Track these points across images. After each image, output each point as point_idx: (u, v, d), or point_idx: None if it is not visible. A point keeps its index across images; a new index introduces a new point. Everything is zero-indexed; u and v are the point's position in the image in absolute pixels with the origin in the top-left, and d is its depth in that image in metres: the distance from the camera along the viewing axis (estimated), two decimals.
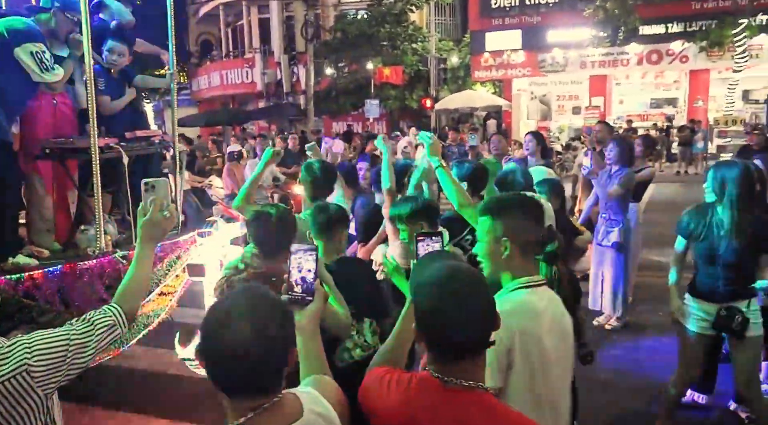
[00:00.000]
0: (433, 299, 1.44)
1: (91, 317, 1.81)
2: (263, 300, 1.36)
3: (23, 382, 1.63)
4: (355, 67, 23.00)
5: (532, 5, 20.81)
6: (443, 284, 1.44)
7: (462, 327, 1.41)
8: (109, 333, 1.82)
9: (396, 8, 22.28)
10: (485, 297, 1.47)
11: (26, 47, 3.43)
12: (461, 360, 1.44)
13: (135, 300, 1.96)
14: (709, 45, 18.00)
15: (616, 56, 19.91)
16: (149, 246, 2.00)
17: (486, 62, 21.64)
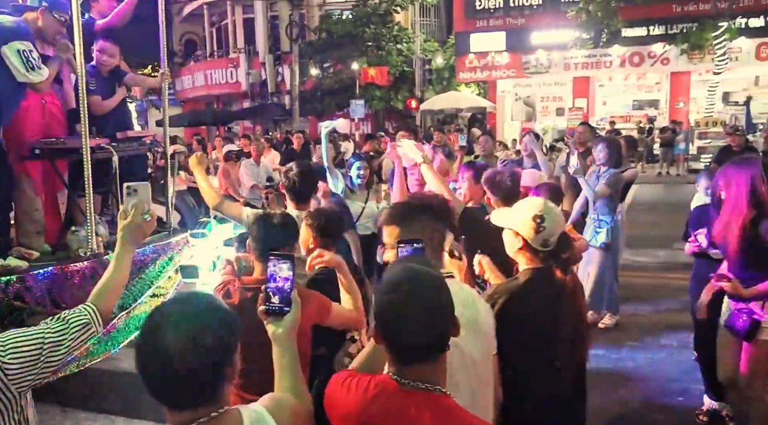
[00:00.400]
0: (389, 299, 1.43)
1: (66, 316, 1.81)
2: (201, 307, 1.31)
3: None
4: (340, 68, 22.98)
5: (516, 7, 20.96)
6: (400, 284, 1.43)
7: (415, 327, 1.39)
8: (84, 331, 1.81)
9: (381, 9, 22.31)
10: (441, 300, 1.45)
11: (13, 45, 3.38)
12: (418, 363, 1.43)
13: (110, 301, 1.96)
14: (690, 48, 18.27)
15: (599, 58, 20.13)
16: (129, 249, 2.00)
17: (471, 64, 21.76)
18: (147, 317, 1.32)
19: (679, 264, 7.90)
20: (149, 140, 4.56)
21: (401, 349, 1.44)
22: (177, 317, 1.27)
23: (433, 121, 22.97)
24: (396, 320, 1.42)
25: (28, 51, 3.43)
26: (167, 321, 1.27)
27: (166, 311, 1.30)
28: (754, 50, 18.50)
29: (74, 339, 1.78)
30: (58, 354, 1.73)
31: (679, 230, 4.44)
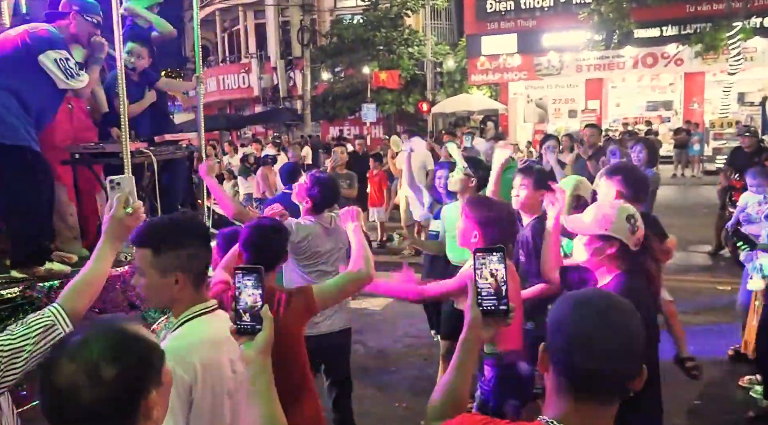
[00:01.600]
0: (584, 318, 1.24)
1: (28, 320, 1.72)
2: (111, 335, 1.19)
3: None
4: (351, 72, 23.03)
5: (527, 9, 20.89)
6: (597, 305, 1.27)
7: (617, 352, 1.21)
8: (47, 334, 1.70)
9: (392, 13, 22.32)
10: (641, 329, 1.27)
11: (49, 55, 3.42)
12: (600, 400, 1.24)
13: (82, 299, 1.83)
14: (704, 48, 18.08)
15: (611, 59, 19.99)
16: (111, 244, 1.88)
17: (482, 66, 21.70)
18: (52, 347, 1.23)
19: (694, 266, 7.88)
20: (185, 144, 4.59)
21: (590, 376, 1.21)
22: (76, 348, 1.14)
23: (445, 124, 22.94)
24: (598, 339, 1.21)
25: (64, 59, 3.47)
26: (64, 352, 1.14)
27: (68, 340, 1.18)
28: None
29: (36, 343, 1.67)
30: (20, 360, 1.64)
31: (694, 232, 4.41)
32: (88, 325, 1.22)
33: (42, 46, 3.44)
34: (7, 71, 3.42)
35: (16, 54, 3.43)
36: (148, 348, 1.23)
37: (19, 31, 3.51)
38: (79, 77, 3.55)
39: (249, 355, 1.43)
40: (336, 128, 24.16)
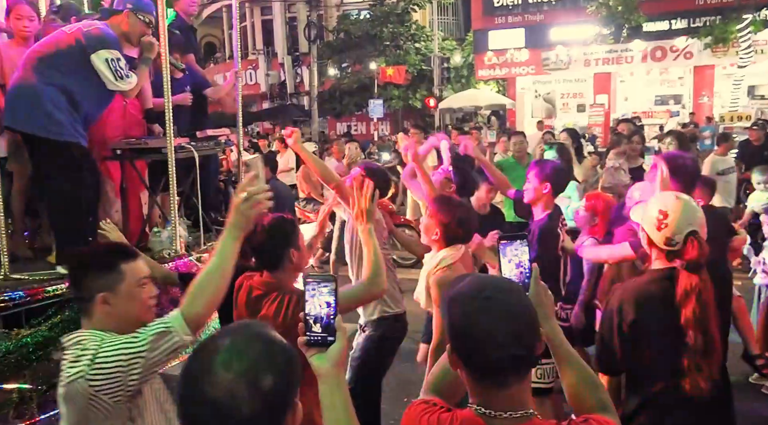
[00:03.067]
0: (468, 311, 1.27)
1: (149, 328, 1.72)
2: (255, 340, 1.12)
3: (82, 388, 1.65)
4: (358, 68, 23.01)
5: (534, 3, 20.74)
6: (478, 293, 1.29)
7: (504, 337, 1.23)
8: (162, 341, 1.69)
9: (398, 8, 22.29)
10: (527, 305, 1.31)
11: (101, 55, 3.45)
12: (508, 385, 1.26)
13: (204, 303, 1.74)
14: (714, 41, 17.85)
15: (620, 53, 19.79)
16: (232, 236, 1.74)
17: (489, 61, 21.57)
18: (190, 357, 1.11)
19: None
20: (224, 139, 4.62)
21: (488, 367, 1.26)
22: (227, 356, 1.06)
23: (452, 119, 22.86)
24: (480, 331, 1.25)
25: (116, 60, 3.49)
26: (216, 361, 1.05)
27: (213, 347, 1.08)
28: None
29: (150, 349, 1.67)
30: (138, 366, 1.66)
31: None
32: (226, 330, 1.14)
33: (95, 46, 3.45)
34: (60, 68, 3.45)
35: (70, 52, 3.46)
36: (292, 351, 1.17)
37: (74, 29, 3.54)
38: (128, 79, 3.56)
39: (324, 369, 1.32)
40: (343, 123, 24.15)
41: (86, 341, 1.73)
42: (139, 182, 4.13)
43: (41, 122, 3.38)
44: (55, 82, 3.43)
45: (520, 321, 1.26)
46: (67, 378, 1.68)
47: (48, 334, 3.27)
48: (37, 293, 3.27)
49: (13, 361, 3.24)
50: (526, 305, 1.31)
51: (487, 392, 1.28)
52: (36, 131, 3.42)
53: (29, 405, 3.35)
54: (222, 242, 1.75)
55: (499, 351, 1.23)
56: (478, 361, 1.26)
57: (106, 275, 1.83)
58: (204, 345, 1.12)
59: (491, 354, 1.23)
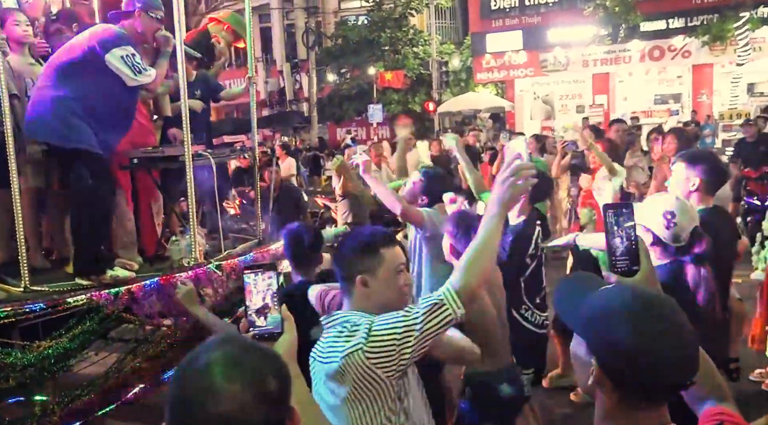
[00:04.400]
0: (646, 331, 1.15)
1: (421, 301, 1.74)
2: (250, 348, 1.06)
3: (360, 360, 1.69)
4: (357, 73, 23.05)
5: (532, 5, 20.79)
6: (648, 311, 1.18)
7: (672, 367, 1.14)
8: (435, 314, 1.68)
9: (396, 13, 22.34)
10: (690, 328, 1.20)
11: (115, 53, 3.43)
12: (656, 406, 1.20)
13: (474, 274, 1.72)
14: (711, 39, 17.91)
15: (618, 54, 19.84)
16: (499, 210, 1.71)
17: (488, 64, 21.61)
18: (175, 379, 1.03)
19: None
20: (239, 146, 4.64)
21: (660, 392, 1.18)
22: (224, 364, 0.99)
23: (451, 123, 22.90)
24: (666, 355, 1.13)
25: (131, 55, 3.48)
26: (214, 376, 0.98)
27: (208, 355, 1.01)
28: None
29: (423, 321, 1.68)
30: (412, 339, 1.67)
31: None
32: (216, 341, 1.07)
33: (107, 46, 3.44)
34: (77, 77, 3.45)
35: (84, 59, 3.46)
36: (280, 357, 1.13)
37: (85, 35, 3.54)
38: (146, 72, 3.54)
39: None
40: (343, 129, 24.17)
41: (353, 318, 1.80)
42: (151, 191, 4.13)
43: (59, 130, 3.38)
44: (74, 92, 3.42)
45: (689, 344, 1.18)
46: (343, 351, 1.70)
47: (69, 346, 3.26)
48: (57, 304, 3.26)
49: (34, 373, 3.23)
50: (687, 322, 1.20)
51: (635, 414, 1.19)
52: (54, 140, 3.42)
53: (51, 418, 3.34)
54: (487, 217, 1.74)
55: (681, 376, 1.15)
56: (645, 387, 1.16)
57: (367, 258, 1.88)
58: (190, 363, 1.03)
59: (673, 379, 1.15)
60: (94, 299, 3.31)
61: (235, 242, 4.21)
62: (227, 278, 3.58)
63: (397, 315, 1.73)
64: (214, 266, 3.59)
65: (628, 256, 1.37)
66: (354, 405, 1.74)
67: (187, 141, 3.58)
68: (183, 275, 3.47)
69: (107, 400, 3.49)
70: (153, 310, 3.39)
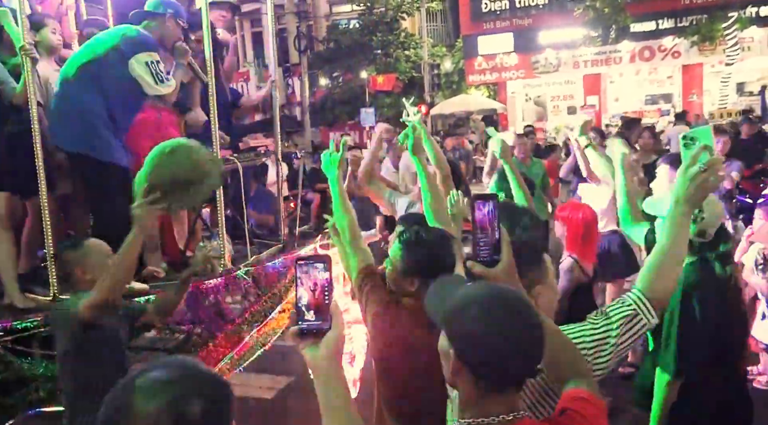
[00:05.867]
0: (488, 321, 1.26)
1: (608, 310, 1.65)
2: (182, 370, 1.06)
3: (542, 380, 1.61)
4: (349, 77, 23.05)
5: (522, 8, 20.92)
6: (493, 304, 1.28)
7: (517, 351, 1.25)
8: (631, 324, 1.60)
9: (387, 16, 22.38)
10: (537, 319, 1.31)
11: (141, 58, 3.34)
12: (505, 391, 1.29)
13: (665, 281, 1.64)
14: (701, 40, 18.13)
15: (608, 54, 20.02)
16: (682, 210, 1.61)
17: (479, 66, 21.73)
18: (108, 396, 1.04)
19: None
20: (263, 150, 4.62)
21: (503, 378, 1.28)
22: (150, 384, 1.01)
23: (444, 125, 22.96)
24: (503, 342, 1.24)
25: (156, 62, 3.39)
26: (139, 390, 1.00)
27: (138, 379, 1.02)
28: (767, 39, 18.33)
29: (619, 334, 1.60)
30: (605, 353, 1.60)
31: None
32: (155, 364, 1.08)
33: (134, 49, 3.36)
34: (99, 77, 3.35)
35: (107, 58, 3.36)
36: (224, 383, 1.11)
37: (110, 34, 3.46)
38: (168, 82, 3.46)
39: (314, 361, 1.22)
40: (336, 133, 24.15)
41: None
42: None
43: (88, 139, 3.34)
44: (96, 93, 3.35)
45: (534, 331, 1.27)
46: None
47: None
48: None
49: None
50: (535, 314, 1.31)
51: (488, 400, 1.28)
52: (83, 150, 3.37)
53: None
54: (674, 217, 1.62)
55: (515, 360, 1.25)
56: (495, 372, 1.26)
57: (538, 266, 1.82)
58: (122, 384, 1.05)
59: (507, 363, 1.24)
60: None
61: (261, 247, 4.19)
62: (256, 285, 3.57)
63: (580, 327, 1.65)
64: (243, 272, 3.56)
65: (491, 246, 1.41)
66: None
67: (216, 145, 3.57)
68: (213, 282, 3.45)
69: None
70: (183, 317, 3.36)
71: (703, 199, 1.63)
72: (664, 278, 1.63)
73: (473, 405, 1.29)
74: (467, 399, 1.31)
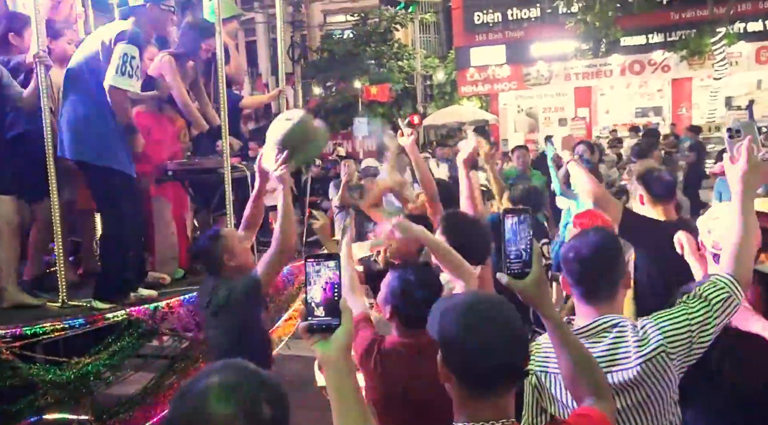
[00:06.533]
0: (463, 323, 1.34)
1: (703, 293, 1.77)
2: (248, 376, 1.08)
3: (664, 362, 1.71)
4: (342, 87, 23.16)
5: (515, 20, 21.16)
6: (471, 307, 1.37)
7: (500, 348, 1.32)
8: (727, 306, 1.75)
9: (381, 27, 22.54)
10: (518, 321, 1.38)
11: (120, 47, 3.30)
12: (496, 393, 1.34)
13: (748, 264, 1.81)
14: (689, 54, 18.40)
15: (599, 67, 20.29)
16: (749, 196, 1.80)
17: (472, 77, 21.90)
18: (175, 401, 1.07)
19: None
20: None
21: (480, 378, 1.33)
22: (222, 388, 1.03)
23: (437, 136, 23.08)
24: (474, 342, 1.32)
25: (131, 58, 3.31)
26: (212, 394, 1.02)
27: (207, 380, 1.05)
28: (754, 54, 18.67)
29: (717, 316, 1.74)
30: (706, 334, 1.73)
31: None
32: (217, 366, 1.11)
33: (120, 38, 3.33)
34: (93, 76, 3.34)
35: (97, 55, 3.36)
36: (281, 385, 1.13)
37: (102, 30, 3.52)
38: (130, 80, 3.32)
39: (325, 356, 1.25)
40: (330, 142, 24.20)
41: (627, 322, 1.79)
42: (184, 203, 4.12)
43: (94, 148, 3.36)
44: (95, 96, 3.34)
45: (512, 333, 1.34)
46: (644, 356, 1.70)
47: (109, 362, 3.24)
48: (97, 320, 3.24)
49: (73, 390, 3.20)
50: (516, 319, 1.38)
51: (475, 403, 1.33)
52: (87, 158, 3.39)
53: None
54: (741, 201, 1.79)
55: (492, 360, 1.31)
56: (471, 371, 1.32)
57: (622, 265, 1.92)
58: (189, 388, 1.07)
59: (485, 364, 1.31)
60: (133, 314, 3.30)
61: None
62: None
63: (677, 312, 1.76)
64: None
65: (521, 260, 1.44)
66: (641, 411, 1.72)
67: (226, 152, 3.60)
68: None
69: (146, 417, 3.46)
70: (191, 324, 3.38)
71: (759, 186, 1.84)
72: (745, 261, 1.80)
73: (464, 410, 1.35)
74: (458, 403, 1.37)
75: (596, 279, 1.82)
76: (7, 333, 3.03)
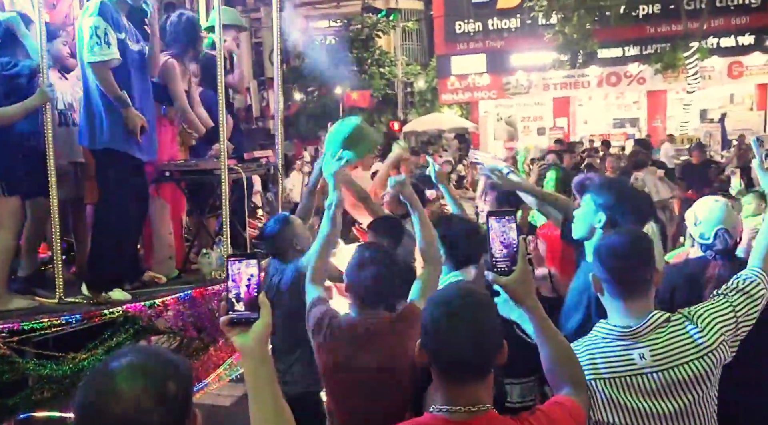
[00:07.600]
0: (440, 313, 1.45)
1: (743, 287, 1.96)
2: (152, 356, 1.14)
3: (724, 351, 1.83)
4: (323, 92, 23.23)
5: (495, 30, 21.50)
6: (452, 299, 1.47)
7: (464, 342, 1.41)
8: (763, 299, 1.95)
9: (363, 34, 22.68)
10: (491, 318, 1.47)
11: (86, 22, 3.25)
12: (468, 382, 1.43)
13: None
14: (664, 67, 18.85)
15: (576, 78, 20.71)
16: None
17: (452, 85, 22.17)
18: (83, 385, 1.10)
19: None
20: (265, 161, 4.69)
21: (450, 366, 1.43)
22: (129, 369, 1.08)
23: (417, 142, 23.26)
24: (445, 333, 1.43)
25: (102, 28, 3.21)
26: (119, 374, 1.07)
27: (114, 362, 1.09)
28: (726, 69, 19.20)
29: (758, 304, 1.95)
30: (749, 321, 1.90)
31: None
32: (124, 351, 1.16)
33: (87, 12, 3.29)
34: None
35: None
36: (187, 365, 1.20)
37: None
38: (101, 49, 3.19)
39: (247, 345, 1.32)
40: (312, 147, 24.24)
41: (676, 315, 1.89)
42: (182, 205, 4.17)
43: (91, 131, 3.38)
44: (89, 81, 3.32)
45: (482, 330, 1.43)
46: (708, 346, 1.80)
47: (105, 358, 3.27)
48: (93, 316, 3.28)
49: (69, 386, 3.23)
50: (491, 317, 1.47)
51: (450, 388, 1.43)
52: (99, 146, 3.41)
53: None
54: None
55: (459, 353, 1.41)
56: (442, 360, 1.44)
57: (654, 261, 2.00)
58: (97, 369, 1.13)
59: (452, 355, 1.41)
60: (130, 310, 3.34)
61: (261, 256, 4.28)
62: None
63: (718, 303, 1.93)
64: None
65: (508, 258, 1.55)
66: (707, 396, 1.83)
67: (224, 154, 3.67)
68: (216, 288, 3.54)
69: None
70: (186, 322, 3.43)
71: None
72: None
73: (441, 392, 1.45)
74: (435, 385, 1.48)
75: (634, 276, 1.84)
76: (4, 327, 3.06)
